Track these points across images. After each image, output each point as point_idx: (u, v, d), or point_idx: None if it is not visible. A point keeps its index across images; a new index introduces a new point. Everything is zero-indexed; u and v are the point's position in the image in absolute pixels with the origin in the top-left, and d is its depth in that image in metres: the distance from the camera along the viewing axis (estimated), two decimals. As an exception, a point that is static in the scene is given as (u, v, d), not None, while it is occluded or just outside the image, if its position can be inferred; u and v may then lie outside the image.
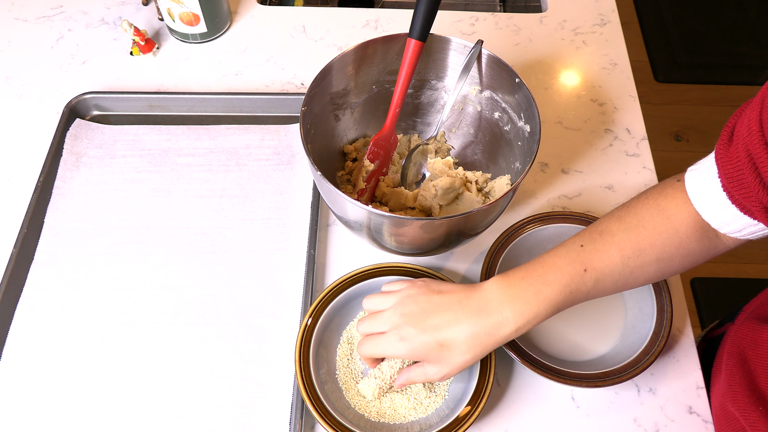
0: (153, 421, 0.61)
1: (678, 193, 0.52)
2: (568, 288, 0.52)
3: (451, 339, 0.52)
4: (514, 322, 0.52)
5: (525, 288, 0.52)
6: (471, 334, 0.52)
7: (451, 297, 0.54)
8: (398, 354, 0.53)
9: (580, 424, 0.62)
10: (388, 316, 0.54)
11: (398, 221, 0.58)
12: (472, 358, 0.52)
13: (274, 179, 0.77)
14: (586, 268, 0.52)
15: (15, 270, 0.68)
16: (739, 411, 0.59)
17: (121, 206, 0.74)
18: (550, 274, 0.52)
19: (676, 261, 0.53)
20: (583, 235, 0.54)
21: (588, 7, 0.97)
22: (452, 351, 0.52)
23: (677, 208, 0.52)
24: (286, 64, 0.89)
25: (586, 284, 0.52)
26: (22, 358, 0.64)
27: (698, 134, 1.98)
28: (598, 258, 0.52)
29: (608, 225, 0.54)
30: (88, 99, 0.82)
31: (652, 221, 0.52)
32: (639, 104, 0.86)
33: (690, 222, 0.52)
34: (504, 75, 0.67)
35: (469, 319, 0.52)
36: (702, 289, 1.64)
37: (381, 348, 0.54)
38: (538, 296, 0.52)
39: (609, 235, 0.53)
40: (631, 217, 0.53)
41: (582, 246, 0.53)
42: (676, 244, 0.52)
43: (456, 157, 0.78)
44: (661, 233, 0.52)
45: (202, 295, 0.68)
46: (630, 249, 0.52)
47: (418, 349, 0.52)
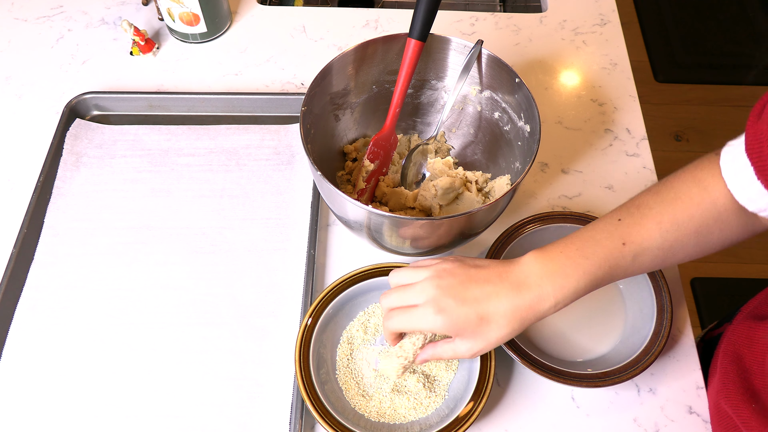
0: (153, 421, 0.61)
1: (715, 166, 0.51)
2: (607, 262, 0.51)
3: (492, 312, 0.50)
4: (554, 296, 0.50)
5: (564, 262, 0.51)
6: (512, 307, 0.50)
7: (489, 271, 0.52)
8: (435, 327, 0.51)
9: (580, 424, 0.62)
10: (423, 288, 0.52)
11: (398, 221, 0.58)
12: (509, 333, 0.51)
13: (274, 179, 0.77)
14: (625, 242, 0.51)
15: (15, 270, 0.68)
16: (732, 408, 0.59)
17: (121, 206, 0.74)
18: (588, 247, 0.51)
19: (714, 235, 0.52)
20: (620, 210, 0.53)
21: (588, 7, 0.97)
22: (491, 325, 0.50)
23: (714, 179, 0.51)
24: (286, 64, 0.90)
25: (625, 258, 0.51)
26: (22, 358, 0.64)
27: (698, 134, 1.98)
28: (636, 232, 0.51)
29: (645, 199, 0.53)
30: (88, 99, 0.82)
31: (689, 193, 0.51)
32: (639, 104, 0.86)
33: (728, 194, 0.50)
34: (504, 75, 0.67)
35: (510, 293, 0.50)
36: (702, 289, 1.64)
37: (414, 321, 0.51)
38: (577, 270, 0.50)
39: (646, 209, 0.52)
40: (667, 190, 0.53)
41: (620, 220, 0.52)
42: (714, 216, 0.51)
43: (456, 157, 0.78)
44: (699, 204, 0.51)
45: (202, 295, 0.68)
46: (668, 222, 0.51)
47: (457, 322, 0.50)
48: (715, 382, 0.64)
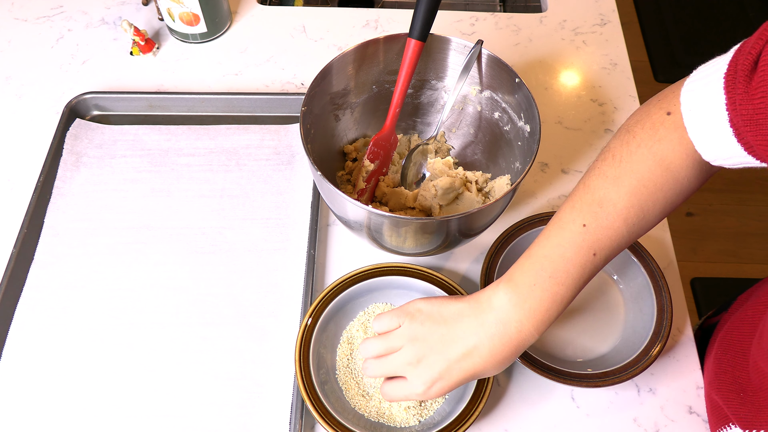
0: (153, 421, 0.61)
1: (671, 133, 0.48)
2: (581, 279, 0.49)
3: (481, 368, 0.50)
4: (536, 331, 0.50)
5: (540, 296, 0.49)
6: (497, 356, 0.50)
7: (463, 322, 0.51)
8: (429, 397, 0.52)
9: (580, 424, 0.62)
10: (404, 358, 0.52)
11: (398, 221, 0.58)
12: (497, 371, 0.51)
13: (274, 179, 0.77)
14: (596, 252, 0.49)
15: (15, 270, 0.68)
16: (723, 399, 0.59)
17: (121, 206, 0.74)
18: (561, 272, 0.49)
19: (677, 203, 0.50)
20: (582, 210, 0.49)
21: (588, 7, 0.97)
22: (483, 374, 0.51)
23: (674, 153, 0.48)
24: (286, 64, 0.90)
25: (597, 266, 0.50)
26: (22, 358, 0.64)
27: (698, 134, 1.97)
28: (606, 236, 0.49)
29: (606, 191, 0.49)
30: (88, 99, 0.82)
31: (653, 177, 0.48)
32: (639, 104, 0.86)
33: (689, 164, 0.48)
34: (504, 75, 0.67)
35: (492, 342, 0.49)
36: (702, 289, 1.64)
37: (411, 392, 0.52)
38: (555, 300, 0.49)
39: (611, 205, 0.49)
40: (628, 175, 0.48)
41: (584, 226, 0.49)
42: (678, 190, 0.49)
43: (456, 157, 0.78)
44: (663, 187, 0.48)
45: (202, 295, 0.68)
46: (635, 215, 0.49)
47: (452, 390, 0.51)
48: (707, 373, 0.64)
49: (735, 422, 0.57)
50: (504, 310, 0.49)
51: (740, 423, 0.57)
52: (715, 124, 0.44)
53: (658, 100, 0.50)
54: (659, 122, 0.48)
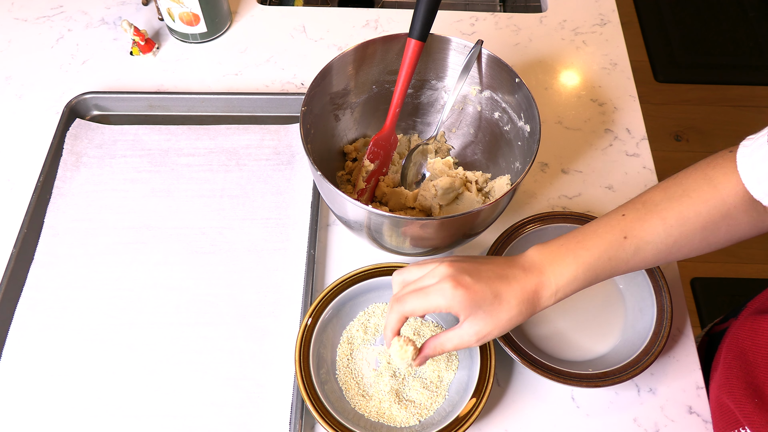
0: (153, 421, 0.61)
1: (727, 162, 0.51)
2: (606, 253, 0.51)
3: (505, 290, 0.50)
4: (555, 283, 0.51)
5: (564, 253, 0.52)
6: (522, 289, 0.51)
7: (495, 260, 0.53)
8: (452, 303, 0.49)
9: (580, 424, 0.62)
10: (437, 270, 0.51)
11: (398, 221, 0.58)
12: (517, 316, 0.51)
13: (274, 179, 0.77)
14: (627, 236, 0.52)
15: (15, 270, 0.68)
16: (735, 403, 0.59)
17: (121, 206, 0.74)
18: (589, 240, 0.52)
19: (722, 231, 0.52)
20: (626, 206, 0.54)
21: (588, 7, 0.97)
22: (503, 305, 0.50)
23: (725, 177, 0.51)
24: (286, 64, 0.90)
25: (625, 251, 0.52)
26: (22, 358, 0.64)
27: (698, 134, 1.98)
28: (639, 226, 0.52)
29: (652, 195, 0.53)
30: (88, 99, 0.82)
31: (698, 189, 0.51)
32: (639, 104, 0.86)
33: (738, 192, 0.50)
34: (504, 75, 0.67)
35: (519, 276, 0.51)
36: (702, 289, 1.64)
37: (431, 299, 0.50)
38: (576, 260, 0.51)
39: (652, 204, 0.52)
40: (676, 186, 0.52)
41: (624, 215, 0.53)
42: (722, 212, 0.51)
43: (456, 157, 0.78)
44: (707, 201, 0.51)
45: (202, 295, 0.68)
46: (674, 217, 0.51)
47: (475, 297, 0.49)
48: (717, 377, 0.64)
49: (747, 426, 0.57)
50: (529, 255, 0.53)
51: (752, 427, 0.57)
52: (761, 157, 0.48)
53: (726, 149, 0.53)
54: (720, 155, 0.52)
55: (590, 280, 0.52)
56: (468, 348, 0.62)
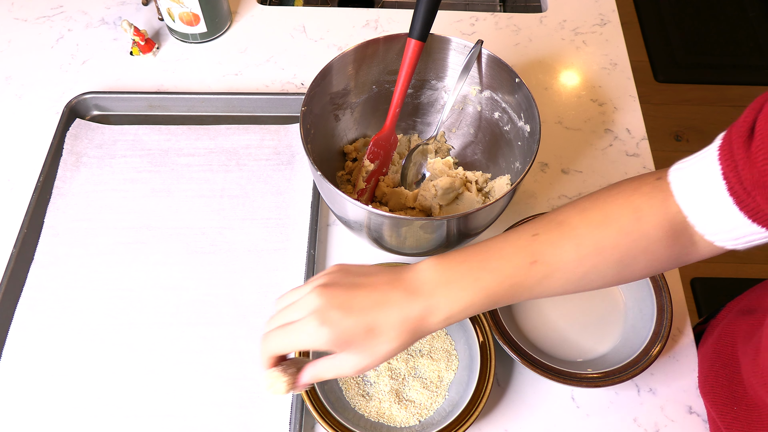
0: (153, 421, 0.61)
1: (657, 192, 0.46)
2: (510, 279, 0.46)
3: (382, 322, 0.44)
4: (447, 309, 0.45)
5: (463, 272, 0.46)
6: (403, 318, 0.45)
7: (377, 278, 0.47)
8: (317, 343, 0.44)
9: (580, 424, 0.62)
10: (306, 302, 0.45)
11: (398, 221, 0.58)
12: (399, 346, 0.45)
13: (274, 179, 0.77)
14: (535, 260, 0.46)
15: (15, 270, 0.68)
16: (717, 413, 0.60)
17: (121, 206, 0.74)
18: (493, 260, 0.46)
19: (639, 265, 0.48)
20: (540, 222, 0.48)
21: (588, 7, 0.97)
22: (379, 338, 0.44)
23: (652, 209, 0.46)
24: (286, 64, 0.90)
25: (531, 278, 0.46)
26: (22, 358, 0.64)
27: (698, 134, 1.98)
28: (551, 251, 0.46)
29: (569, 215, 0.48)
30: (88, 99, 0.82)
31: (620, 220, 0.46)
32: (639, 104, 0.86)
33: (664, 226, 0.46)
34: (504, 75, 0.67)
35: (400, 301, 0.45)
36: (702, 289, 1.64)
37: (295, 337, 0.45)
38: (475, 284, 0.45)
39: (568, 228, 0.47)
40: (596, 211, 0.47)
41: (535, 235, 0.47)
42: (642, 247, 0.46)
43: (456, 157, 0.78)
44: (628, 233, 0.46)
45: (202, 295, 0.68)
46: (589, 246, 0.46)
47: (343, 334, 0.44)
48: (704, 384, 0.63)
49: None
50: (423, 272, 0.47)
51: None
52: (712, 197, 0.44)
53: (650, 173, 0.49)
54: (647, 182, 0.47)
55: (488, 305, 0.46)
56: (468, 347, 0.62)
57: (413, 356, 0.64)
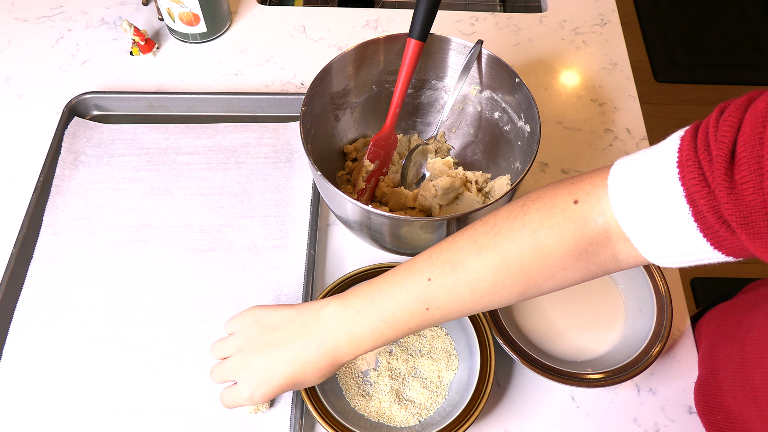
0: (153, 420, 0.61)
1: (567, 224, 0.43)
2: (406, 325, 0.49)
3: (301, 375, 0.51)
4: (351, 353, 0.50)
5: (361, 323, 0.49)
6: (317, 365, 0.51)
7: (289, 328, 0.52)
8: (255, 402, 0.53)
9: (580, 424, 0.62)
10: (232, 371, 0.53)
11: (398, 221, 0.58)
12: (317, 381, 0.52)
13: (272, 177, 0.77)
14: (429, 307, 0.47)
15: (15, 269, 0.68)
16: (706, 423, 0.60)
17: (121, 205, 0.74)
18: (388, 310, 0.48)
19: (543, 291, 0.47)
20: (434, 263, 0.48)
21: (588, 7, 0.97)
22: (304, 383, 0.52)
23: (560, 243, 0.43)
24: (286, 64, 0.90)
25: (427, 320, 0.49)
26: (22, 357, 0.64)
27: (698, 134, 1.97)
28: (445, 296, 0.47)
29: (465, 255, 0.46)
30: (88, 99, 0.82)
31: (522, 260, 0.44)
32: (639, 104, 0.86)
33: (573, 254, 0.43)
34: (504, 75, 0.67)
35: (314, 351, 0.50)
36: (702, 289, 1.64)
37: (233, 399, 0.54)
38: (374, 333, 0.49)
39: (464, 272, 0.46)
40: (495, 250, 0.45)
41: (430, 280, 0.47)
42: (547, 276, 0.45)
43: (456, 157, 0.78)
44: (530, 271, 0.45)
45: (202, 293, 0.68)
46: (486, 289, 0.46)
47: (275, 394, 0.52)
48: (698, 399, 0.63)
49: None
50: (329, 324, 0.50)
51: None
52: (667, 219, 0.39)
53: (570, 184, 0.45)
54: (560, 209, 0.44)
55: (388, 342, 0.50)
56: (468, 348, 0.62)
57: (413, 356, 0.64)
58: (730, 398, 0.56)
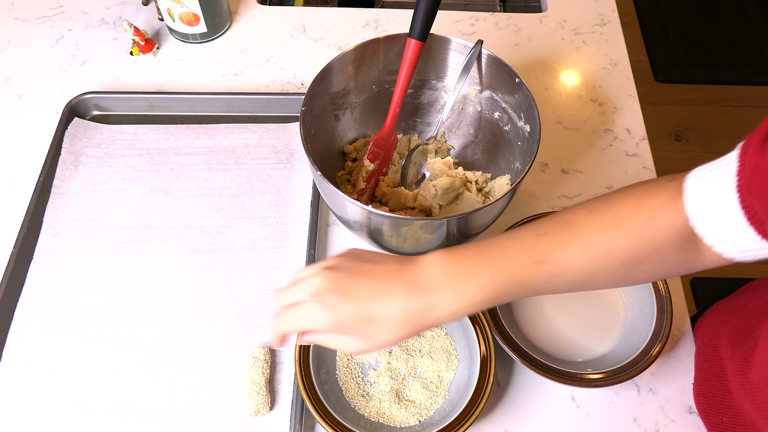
0: (153, 420, 0.61)
1: (667, 193, 0.46)
2: (516, 278, 0.46)
3: (380, 312, 0.45)
4: (452, 304, 0.45)
5: (469, 269, 0.46)
6: (401, 311, 0.45)
7: (382, 267, 0.47)
8: (318, 325, 0.46)
9: (580, 424, 0.62)
10: (310, 283, 0.46)
11: (398, 221, 0.58)
12: (398, 338, 0.46)
13: (273, 178, 0.77)
14: (542, 259, 0.46)
15: (15, 270, 0.68)
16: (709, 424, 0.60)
17: (121, 205, 0.74)
18: (500, 257, 0.46)
19: (645, 268, 0.47)
20: (550, 221, 0.48)
21: (588, 7, 0.97)
22: (377, 329, 0.45)
23: (662, 210, 0.45)
24: (286, 64, 0.89)
25: (537, 276, 0.46)
26: (22, 358, 0.64)
27: (698, 134, 1.97)
28: (557, 251, 0.46)
29: (579, 216, 0.47)
30: (88, 99, 0.82)
31: (629, 221, 0.46)
32: (639, 104, 0.86)
33: (673, 228, 0.45)
34: (504, 75, 0.67)
35: (402, 294, 0.45)
36: (702, 289, 1.64)
37: (299, 318, 0.46)
38: (482, 281, 0.45)
39: (576, 228, 0.46)
40: (605, 212, 0.47)
41: (544, 234, 0.47)
42: (650, 250, 0.46)
43: (456, 157, 0.78)
44: (637, 236, 0.45)
45: (202, 293, 0.68)
46: (598, 248, 0.46)
47: (341, 320, 0.45)
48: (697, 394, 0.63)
49: None
50: (429, 266, 0.46)
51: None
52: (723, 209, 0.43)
53: (665, 176, 0.48)
54: (659, 184, 0.47)
55: (494, 302, 0.46)
56: (468, 347, 0.62)
57: (413, 356, 0.64)
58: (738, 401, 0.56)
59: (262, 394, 0.60)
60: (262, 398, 0.60)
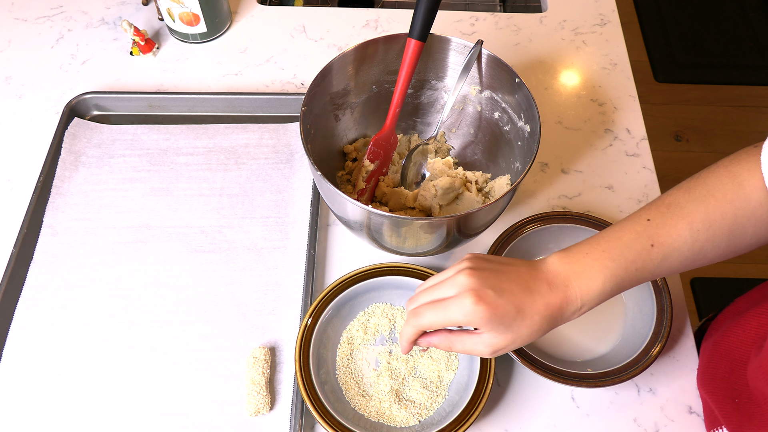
0: (153, 420, 0.61)
1: (752, 158, 0.49)
2: (634, 264, 0.49)
3: (528, 305, 0.48)
4: (580, 298, 0.49)
5: (590, 263, 0.49)
6: (546, 305, 0.48)
7: (518, 268, 0.50)
8: (471, 318, 0.47)
9: (580, 424, 0.62)
10: (458, 281, 0.48)
11: (398, 221, 0.58)
12: (539, 331, 0.49)
13: (273, 178, 0.77)
14: (654, 243, 0.49)
15: (15, 270, 0.68)
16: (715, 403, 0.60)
17: (121, 205, 0.74)
18: (615, 249, 0.49)
19: (748, 234, 0.50)
20: (650, 209, 0.51)
21: (588, 7, 0.97)
22: (525, 321, 0.48)
23: (750, 173, 0.49)
24: (286, 64, 0.90)
25: (653, 260, 0.49)
26: (22, 358, 0.64)
27: (698, 134, 1.97)
28: (666, 233, 0.49)
29: (676, 197, 0.51)
30: (88, 99, 0.82)
31: (723, 189, 0.49)
32: (639, 104, 0.86)
33: (764, 189, 0.48)
34: (504, 75, 0.67)
35: (545, 290, 0.48)
36: (702, 289, 1.64)
37: (450, 313, 0.48)
38: (604, 272, 0.49)
39: (677, 208, 0.50)
40: (700, 187, 0.50)
41: (648, 220, 0.50)
42: (747, 213, 0.49)
43: (456, 157, 0.78)
44: (732, 201, 0.49)
45: (202, 293, 0.68)
46: (700, 221, 0.49)
47: (497, 314, 0.47)
48: (702, 376, 0.64)
49: (725, 426, 0.58)
50: (552, 266, 0.50)
51: (729, 427, 0.57)
52: None
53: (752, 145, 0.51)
54: (744, 151, 0.50)
55: (617, 291, 0.50)
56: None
57: (413, 356, 0.64)
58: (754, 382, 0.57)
59: (262, 394, 0.60)
60: (262, 398, 0.60)
